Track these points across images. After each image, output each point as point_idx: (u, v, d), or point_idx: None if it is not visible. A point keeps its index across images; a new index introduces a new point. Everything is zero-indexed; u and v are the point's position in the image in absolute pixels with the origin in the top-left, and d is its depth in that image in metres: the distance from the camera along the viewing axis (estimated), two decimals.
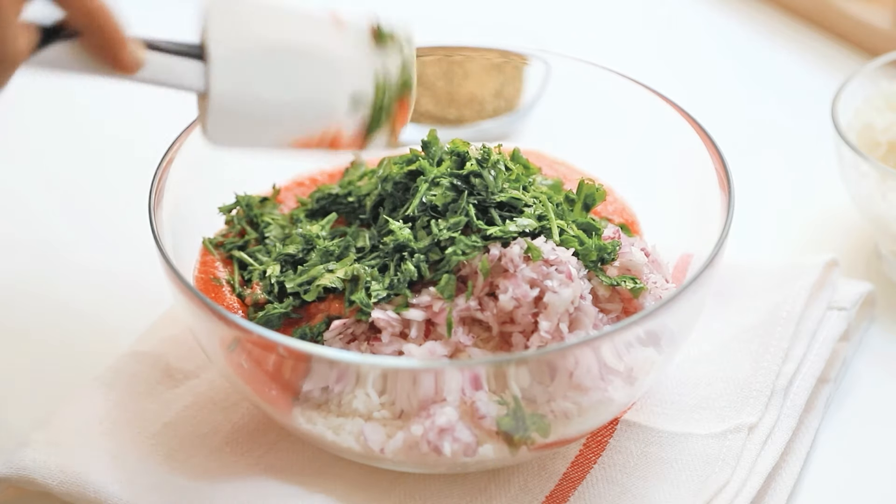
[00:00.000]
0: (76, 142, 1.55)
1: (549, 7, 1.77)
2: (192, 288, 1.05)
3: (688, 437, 1.13)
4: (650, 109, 1.21)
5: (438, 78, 1.45)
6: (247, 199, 1.20)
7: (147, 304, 1.27)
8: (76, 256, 1.39)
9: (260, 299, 1.12)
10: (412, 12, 1.78)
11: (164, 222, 1.12)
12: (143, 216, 1.12)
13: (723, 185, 1.12)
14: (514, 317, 1.07)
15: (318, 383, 1.05)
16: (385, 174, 1.14)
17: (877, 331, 1.26)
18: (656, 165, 1.23)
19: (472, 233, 1.09)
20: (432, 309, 1.07)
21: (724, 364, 1.18)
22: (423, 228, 1.10)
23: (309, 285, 1.11)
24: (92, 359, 1.23)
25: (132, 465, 1.12)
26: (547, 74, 1.34)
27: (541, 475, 1.11)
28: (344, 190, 1.19)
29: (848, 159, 1.27)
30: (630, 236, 1.16)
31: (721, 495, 1.08)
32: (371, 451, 1.05)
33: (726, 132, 1.29)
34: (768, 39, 1.68)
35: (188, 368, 1.20)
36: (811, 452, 1.16)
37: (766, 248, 1.38)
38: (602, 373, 1.04)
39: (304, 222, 1.17)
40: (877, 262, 1.33)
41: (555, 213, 1.11)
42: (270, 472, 1.12)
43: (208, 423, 1.16)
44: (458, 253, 1.07)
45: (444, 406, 1.04)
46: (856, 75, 1.33)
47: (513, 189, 1.11)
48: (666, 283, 1.13)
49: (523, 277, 1.06)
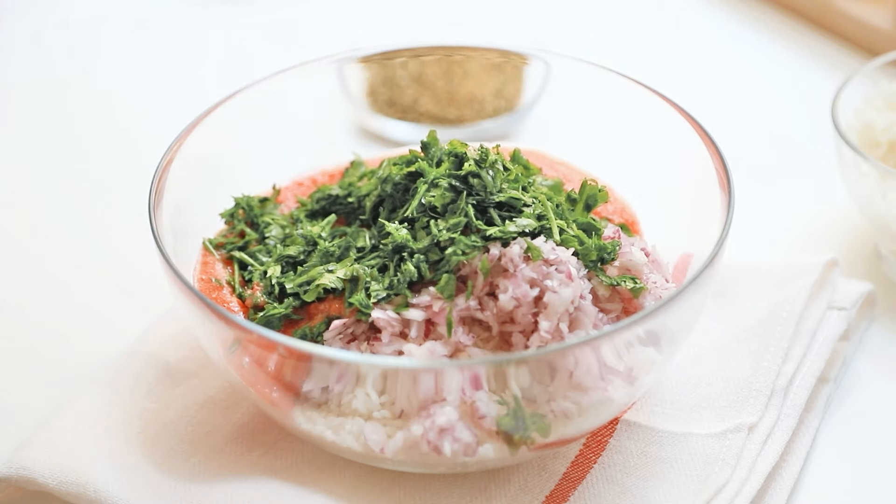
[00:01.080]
0: (76, 142, 1.56)
1: (549, 7, 1.77)
2: (193, 288, 1.05)
3: (688, 436, 1.13)
4: (650, 109, 1.21)
5: (438, 78, 1.45)
6: (247, 199, 1.20)
7: (147, 304, 1.27)
8: (76, 256, 1.39)
9: (260, 302, 1.12)
10: (412, 12, 1.78)
11: (164, 222, 1.12)
12: (143, 216, 1.12)
13: (723, 185, 1.12)
14: (514, 317, 1.07)
15: (318, 383, 1.05)
16: (385, 175, 1.14)
17: (877, 331, 1.26)
18: (656, 165, 1.23)
19: (472, 233, 1.09)
20: (432, 309, 1.07)
21: (724, 364, 1.18)
22: (423, 229, 1.10)
23: (308, 286, 1.11)
24: (92, 359, 1.23)
25: (132, 465, 1.12)
26: (547, 74, 1.34)
27: (541, 475, 1.11)
28: (344, 191, 1.19)
29: (848, 159, 1.27)
30: (630, 236, 1.16)
31: (721, 495, 1.08)
32: (371, 451, 1.05)
33: (726, 132, 1.29)
34: (768, 39, 1.68)
35: (188, 368, 1.20)
36: (811, 452, 1.16)
37: (766, 248, 1.38)
38: (602, 373, 1.05)
39: (305, 223, 1.17)
40: (877, 262, 1.33)
41: (554, 213, 1.11)
42: (270, 471, 1.12)
43: (208, 423, 1.16)
44: (457, 253, 1.07)
45: (444, 406, 1.04)
46: (856, 75, 1.33)
47: (512, 189, 1.11)
48: (666, 283, 1.13)
49: (523, 277, 1.06)
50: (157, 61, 1.69)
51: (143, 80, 1.66)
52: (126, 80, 1.66)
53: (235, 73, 1.60)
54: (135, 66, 1.68)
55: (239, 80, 1.29)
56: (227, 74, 1.62)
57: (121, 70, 1.67)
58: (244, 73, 1.40)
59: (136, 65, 1.68)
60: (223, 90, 1.25)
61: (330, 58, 1.28)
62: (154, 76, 1.66)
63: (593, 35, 1.71)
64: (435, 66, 1.42)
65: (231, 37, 1.72)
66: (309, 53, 1.35)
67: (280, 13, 1.76)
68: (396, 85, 1.47)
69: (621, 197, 1.22)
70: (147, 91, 1.64)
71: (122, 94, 1.64)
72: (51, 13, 1.75)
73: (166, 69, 1.67)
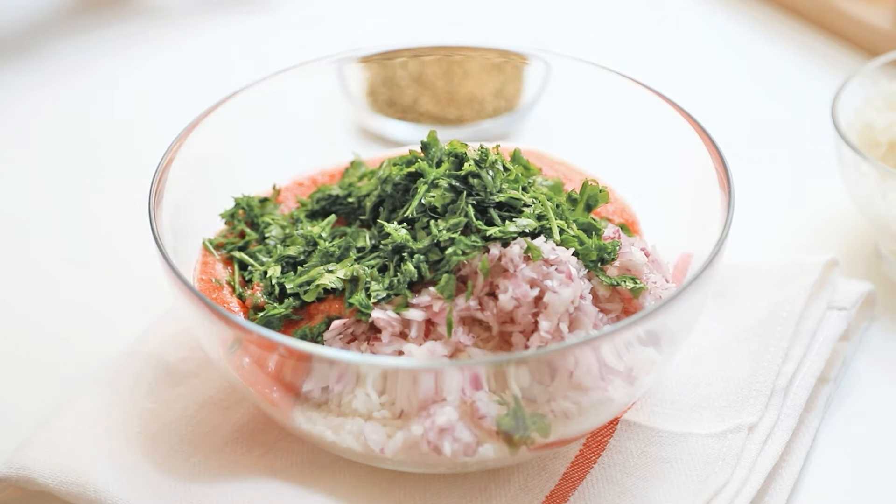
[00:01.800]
0: (76, 142, 1.55)
1: (549, 7, 1.77)
2: (193, 288, 1.05)
3: (688, 436, 1.13)
4: (650, 109, 1.21)
5: (438, 78, 1.45)
6: (246, 199, 1.20)
7: (147, 304, 1.27)
8: (76, 257, 1.39)
9: (260, 302, 1.12)
10: (412, 12, 1.78)
11: (164, 222, 1.12)
12: (144, 216, 1.12)
13: (723, 185, 1.12)
14: (514, 317, 1.07)
15: (319, 383, 1.05)
16: (385, 175, 1.14)
17: (877, 331, 1.26)
18: (656, 165, 1.23)
19: (472, 233, 1.09)
20: (432, 309, 1.07)
21: (724, 364, 1.18)
22: (423, 229, 1.10)
23: (309, 286, 1.11)
24: (92, 359, 1.23)
25: (132, 465, 1.12)
26: (547, 74, 1.34)
27: (541, 475, 1.11)
28: (344, 191, 1.19)
29: (848, 159, 1.27)
30: (630, 236, 1.16)
31: (721, 495, 1.08)
32: (371, 451, 1.05)
33: (726, 132, 1.29)
34: (768, 39, 1.68)
35: (188, 368, 1.20)
36: (811, 452, 1.16)
37: (766, 248, 1.38)
38: (602, 373, 1.05)
39: (305, 223, 1.17)
40: (877, 262, 1.33)
41: (555, 214, 1.11)
42: (270, 471, 1.12)
43: (208, 423, 1.16)
44: (457, 253, 1.07)
45: (444, 406, 1.04)
46: (856, 75, 1.33)
47: (512, 189, 1.11)
48: (666, 283, 1.13)
49: (523, 277, 1.06)
50: (157, 61, 1.69)
51: (143, 80, 1.66)
52: (126, 80, 1.66)
53: (236, 73, 1.60)
54: (135, 66, 1.68)
55: (239, 80, 1.29)
56: (228, 74, 1.62)
57: (121, 70, 1.67)
58: (244, 73, 1.40)
59: (136, 65, 1.68)
60: (223, 90, 1.25)
61: (330, 58, 1.28)
62: (154, 76, 1.66)
63: (593, 35, 1.71)
64: (435, 66, 1.42)
65: (231, 37, 1.72)
66: (309, 53, 1.35)
67: (280, 13, 1.76)
68: (396, 85, 1.47)
69: (621, 197, 1.22)
70: (147, 91, 1.64)
71: (122, 94, 1.64)
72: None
73: (166, 69, 1.67)
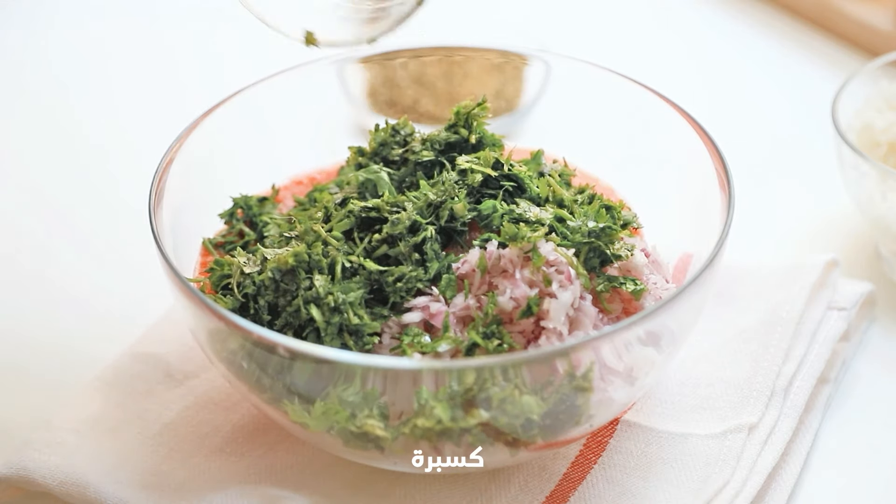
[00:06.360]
0: (76, 142, 1.55)
1: (549, 7, 1.77)
2: (193, 288, 1.05)
3: (688, 437, 1.13)
4: (650, 110, 1.21)
5: (438, 78, 1.45)
6: (245, 199, 1.20)
7: (147, 304, 1.27)
8: (76, 257, 1.39)
9: None
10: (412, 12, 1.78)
11: (164, 222, 1.12)
12: (143, 216, 1.12)
13: (723, 185, 1.12)
14: (513, 317, 1.07)
15: (318, 383, 1.05)
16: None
17: (877, 331, 1.26)
18: (656, 166, 1.23)
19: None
20: (429, 311, 1.07)
21: (724, 364, 1.18)
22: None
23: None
24: (92, 359, 1.23)
25: (132, 465, 1.12)
26: (547, 74, 1.34)
27: (541, 475, 1.11)
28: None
29: (848, 159, 1.27)
30: (630, 236, 1.16)
31: (721, 495, 1.08)
32: (371, 451, 1.05)
33: (726, 132, 1.29)
34: (769, 39, 1.68)
35: (188, 369, 1.20)
36: (811, 452, 1.16)
37: (766, 248, 1.38)
38: (602, 373, 1.04)
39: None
40: (877, 262, 1.33)
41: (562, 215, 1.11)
42: (270, 472, 1.12)
43: (208, 424, 1.16)
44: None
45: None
46: (856, 75, 1.33)
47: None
48: (666, 284, 1.13)
49: (522, 278, 1.06)
50: (157, 61, 1.69)
51: (142, 80, 1.65)
52: (126, 80, 1.66)
53: (236, 73, 1.60)
54: (134, 66, 1.68)
55: (239, 80, 1.29)
56: (228, 74, 1.62)
57: (121, 70, 1.67)
58: (245, 73, 1.40)
59: (136, 65, 1.68)
60: (224, 90, 1.25)
61: (330, 58, 1.28)
62: (154, 76, 1.66)
63: (593, 35, 1.71)
64: (435, 66, 1.41)
65: (232, 37, 1.72)
66: (309, 53, 1.35)
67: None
68: (397, 85, 1.46)
69: (621, 197, 1.22)
70: (147, 91, 1.64)
71: (122, 94, 1.64)
72: (50, 12, 1.75)
73: (166, 69, 1.67)
